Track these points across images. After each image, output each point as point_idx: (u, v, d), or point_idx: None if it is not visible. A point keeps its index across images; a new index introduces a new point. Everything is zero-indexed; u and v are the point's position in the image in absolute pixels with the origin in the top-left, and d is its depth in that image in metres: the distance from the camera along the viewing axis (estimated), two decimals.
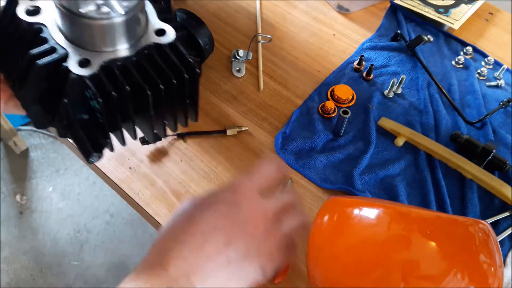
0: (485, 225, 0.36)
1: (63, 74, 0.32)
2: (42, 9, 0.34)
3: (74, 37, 0.33)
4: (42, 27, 0.33)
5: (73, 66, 0.32)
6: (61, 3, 0.32)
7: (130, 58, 0.34)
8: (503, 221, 0.54)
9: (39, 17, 0.34)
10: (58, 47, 0.33)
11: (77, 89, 0.33)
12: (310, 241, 0.41)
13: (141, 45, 0.35)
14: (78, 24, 0.32)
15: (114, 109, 0.33)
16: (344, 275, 0.36)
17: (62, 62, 0.32)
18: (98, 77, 0.32)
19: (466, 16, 0.78)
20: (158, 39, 0.35)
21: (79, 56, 0.32)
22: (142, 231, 1.41)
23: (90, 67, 0.32)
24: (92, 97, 0.33)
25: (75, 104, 0.33)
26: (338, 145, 0.60)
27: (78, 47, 0.33)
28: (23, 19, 0.33)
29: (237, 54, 0.68)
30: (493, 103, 0.67)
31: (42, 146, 1.60)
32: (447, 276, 0.32)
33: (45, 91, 0.34)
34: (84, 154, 0.36)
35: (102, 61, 0.33)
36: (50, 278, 1.32)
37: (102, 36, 0.33)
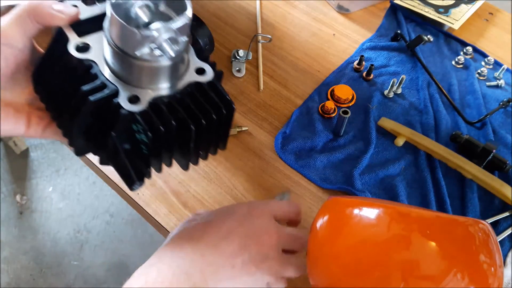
0: (485, 225, 0.36)
1: (113, 109, 0.34)
2: (91, 46, 0.36)
3: (124, 74, 0.35)
4: (92, 64, 0.35)
5: (124, 103, 0.34)
6: (117, 45, 0.33)
7: (174, 95, 0.36)
8: (503, 221, 0.54)
9: (89, 54, 0.35)
10: (108, 83, 0.35)
11: (127, 124, 0.35)
12: (310, 241, 0.41)
13: (183, 83, 0.37)
14: (130, 64, 0.34)
15: (159, 142, 0.35)
16: (344, 275, 0.36)
17: (113, 98, 0.34)
18: (147, 113, 0.34)
19: (466, 16, 0.78)
20: (199, 78, 0.37)
21: (128, 92, 0.34)
22: (142, 231, 1.41)
23: (139, 103, 0.34)
24: (139, 130, 0.35)
25: (121, 136, 0.35)
26: (338, 145, 0.60)
27: (126, 83, 0.35)
28: (73, 55, 0.35)
29: (237, 54, 0.68)
30: (493, 103, 0.67)
31: (42, 146, 1.60)
32: (447, 276, 0.32)
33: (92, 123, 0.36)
34: (128, 183, 0.38)
35: (150, 98, 0.35)
36: (50, 278, 1.32)
37: (152, 76, 0.35)
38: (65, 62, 0.36)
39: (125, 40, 0.33)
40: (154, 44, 0.33)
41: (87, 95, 0.34)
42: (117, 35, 0.33)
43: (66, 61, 0.36)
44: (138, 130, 0.35)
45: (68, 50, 0.35)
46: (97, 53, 0.35)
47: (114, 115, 0.34)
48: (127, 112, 0.34)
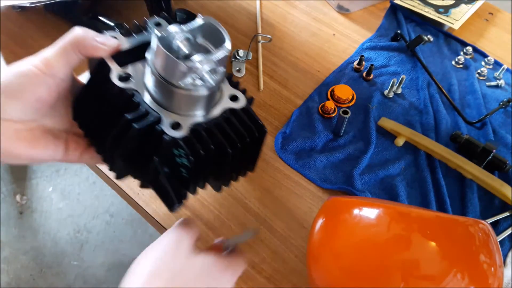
0: (485, 225, 0.36)
1: (156, 135, 0.36)
2: (132, 75, 0.38)
3: (165, 102, 0.37)
4: (134, 92, 0.37)
5: (167, 129, 0.36)
6: (161, 75, 0.35)
7: (211, 121, 0.38)
8: (503, 221, 0.54)
9: (130, 83, 0.37)
10: (150, 111, 0.36)
11: (169, 149, 0.36)
12: (310, 241, 0.41)
13: (219, 109, 0.39)
14: (173, 93, 0.36)
15: (199, 165, 0.37)
16: (344, 275, 0.36)
17: (155, 125, 0.36)
18: (188, 138, 0.36)
19: (466, 16, 0.78)
20: (233, 104, 0.40)
21: (170, 119, 0.36)
22: (142, 231, 1.41)
23: (181, 129, 0.36)
24: (181, 155, 0.37)
25: (163, 160, 0.37)
26: (338, 145, 0.60)
27: (166, 110, 0.37)
28: (117, 85, 0.36)
29: (237, 54, 0.68)
30: (493, 103, 0.67)
31: None
32: (447, 276, 0.32)
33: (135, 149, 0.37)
34: (168, 205, 0.40)
35: (190, 124, 0.37)
36: (50, 278, 1.32)
37: (192, 103, 0.37)
38: (107, 91, 0.38)
39: (170, 71, 0.34)
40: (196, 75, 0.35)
41: (131, 123, 0.35)
42: (163, 66, 0.35)
43: (108, 90, 0.37)
44: (180, 155, 0.37)
45: (111, 80, 0.36)
46: (137, 82, 0.37)
47: (157, 141, 0.36)
48: (170, 138, 0.36)
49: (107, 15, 0.67)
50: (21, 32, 0.68)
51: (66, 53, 0.37)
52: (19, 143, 0.37)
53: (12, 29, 0.69)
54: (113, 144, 0.38)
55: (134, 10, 0.73)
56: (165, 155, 0.37)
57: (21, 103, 0.36)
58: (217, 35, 0.36)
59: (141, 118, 0.36)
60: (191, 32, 0.36)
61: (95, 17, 0.67)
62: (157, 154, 0.36)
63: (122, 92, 0.37)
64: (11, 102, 0.36)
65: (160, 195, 0.41)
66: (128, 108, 0.37)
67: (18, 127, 0.37)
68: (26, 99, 0.36)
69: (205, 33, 0.37)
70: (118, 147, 0.37)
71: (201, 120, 0.38)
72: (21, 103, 0.36)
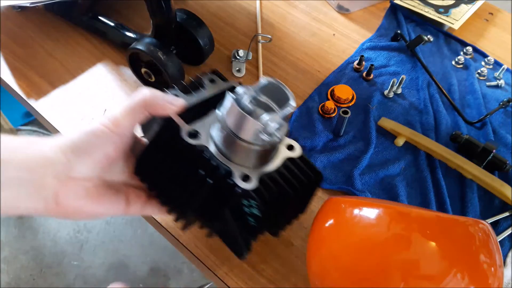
0: (485, 225, 0.36)
1: (228, 187, 0.38)
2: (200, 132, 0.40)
3: (233, 155, 0.39)
4: (204, 148, 0.39)
5: (238, 182, 0.38)
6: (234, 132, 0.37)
7: (275, 170, 0.41)
8: (503, 221, 0.54)
9: (200, 139, 0.39)
10: (221, 165, 0.38)
11: (239, 200, 0.39)
12: (310, 241, 0.41)
13: (280, 159, 0.42)
14: (243, 148, 0.38)
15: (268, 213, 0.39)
16: (344, 275, 0.36)
17: (227, 178, 0.38)
18: (258, 189, 0.38)
19: (466, 16, 0.78)
20: (291, 153, 0.42)
21: (239, 172, 0.38)
22: (142, 231, 1.41)
23: (251, 181, 0.38)
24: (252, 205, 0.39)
25: (232, 211, 0.39)
26: (338, 145, 0.60)
27: (232, 162, 0.39)
28: (187, 141, 0.39)
29: (237, 54, 0.68)
30: (493, 103, 0.67)
31: None
32: (447, 276, 0.32)
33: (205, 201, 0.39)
34: (237, 253, 0.43)
35: (258, 175, 0.39)
36: (50, 278, 1.32)
37: (259, 156, 0.39)
38: (177, 147, 0.39)
39: (243, 129, 0.37)
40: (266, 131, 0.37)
41: (205, 178, 0.38)
42: (236, 124, 0.37)
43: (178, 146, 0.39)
44: (250, 205, 0.39)
45: (182, 137, 0.39)
46: (204, 137, 0.39)
47: (228, 193, 0.38)
48: (242, 191, 0.38)
49: (107, 15, 0.67)
50: (21, 32, 0.69)
51: (134, 113, 0.39)
52: (87, 201, 0.38)
53: (12, 29, 0.69)
54: (185, 197, 0.40)
55: (134, 10, 0.73)
56: (235, 206, 0.39)
57: (91, 160, 0.37)
58: (279, 93, 0.38)
59: (213, 172, 0.38)
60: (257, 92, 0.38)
61: (95, 17, 0.67)
62: (228, 205, 0.39)
63: (192, 148, 0.39)
64: (81, 160, 0.37)
65: (228, 244, 0.43)
66: (199, 163, 0.39)
67: (86, 185, 0.38)
68: (95, 157, 0.37)
69: (267, 91, 0.39)
70: (190, 200, 0.39)
71: (266, 171, 0.40)
72: (90, 160, 0.37)
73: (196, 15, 0.62)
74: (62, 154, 0.36)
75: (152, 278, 1.33)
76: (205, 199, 0.39)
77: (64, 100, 0.62)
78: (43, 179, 0.35)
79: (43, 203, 0.36)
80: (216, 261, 0.49)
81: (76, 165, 0.36)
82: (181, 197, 0.40)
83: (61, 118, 0.60)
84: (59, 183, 0.36)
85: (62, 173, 0.36)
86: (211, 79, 0.44)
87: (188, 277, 1.34)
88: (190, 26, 0.61)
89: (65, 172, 0.36)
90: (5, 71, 0.64)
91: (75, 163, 0.36)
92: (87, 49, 0.68)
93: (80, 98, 0.62)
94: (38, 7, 0.71)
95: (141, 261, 1.35)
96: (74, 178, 0.37)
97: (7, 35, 0.68)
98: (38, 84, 0.63)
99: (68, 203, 0.37)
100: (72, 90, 0.63)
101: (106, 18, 0.66)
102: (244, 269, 0.49)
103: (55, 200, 0.36)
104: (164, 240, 0.52)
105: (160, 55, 0.56)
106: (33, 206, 0.36)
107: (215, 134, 0.39)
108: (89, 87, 0.63)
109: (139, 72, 0.62)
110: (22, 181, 0.35)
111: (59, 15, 0.70)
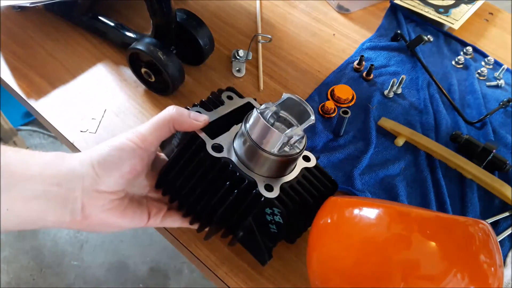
0: (485, 225, 0.36)
1: (252, 197, 0.41)
2: (223, 145, 0.42)
3: (255, 166, 0.41)
4: (228, 160, 0.41)
5: (262, 191, 0.40)
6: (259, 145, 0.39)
7: (293, 179, 0.43)
8: (503, 221, 0.54)
9: (223, 152, 0.42)
10: (245, 176, 0.41)
11: (264, 209, 0.41)
12: (310, 241, 0.41)
13: (297, 168, 0.44)
14: (267, 159, 0.40)
15: (289, 220, 0.42)
16: (344, 274, 0.36)
17: (251, 188, 0.41)
18: (280, 197, 0.41)
19: (466, 16, 0.78)
20: (307, 164, 0.45)
21: (262, 182, 0.41)
22: (142, 231, 1.41)
23: (274, 190, 0.41)
24: (275, 213, 0.41)
25: (255, 220, 0.42)
26: (338, 145, 0.60)
27: (255, 172, 0.41)
28: (213, 155, 0.41)
29: (237, 54, 0.68)
30: (493, 103, 0.67)
31: (42, 146, 1.60)
32: (447, 276, 0.32)
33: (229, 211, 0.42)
34: (260, 260, 0.45)
35: (279, 185, 0.41)
36: (50, 278, 1.32)
37: (281, 167, 0.42)
38: (202, 161, 0.42)
39: (268, 141, 0.39)
40: (289, 143, 0.39)
41: (231, 189, 0.40)
42: (262, 138, 0.39)
43: (203, 160, 0.42)
44: (272, 213, 0.41)
45: (208, 151, 0.41)
46: (227, 150, 0.42)
47: (252, 202, 0.41)
48: (267, 199, 0.40)
49: (107, 15, 0.67)
50: (21, 32, 0.68)
51: (160, 129, 0.41)
52: (113, 213, 0.40)
53: (12, 29, 0.69)
54: (211, 207, 0.42)
55: (134, 10, 0.73)
56: (258, 215, 0.42)
57: (118, 174, 0.39)
58: (298, 108, 0.41)
59: (238, 184, 0.41)
60: (277, 108, 0.41)
61: (95, 17, 0.67)
62: (252, 214, 0.41)
63: (218, 160, 0.41)
64: (109, 174, 0.38)
65: (251, 251, 0.45)
66: (224, 174, 0.41)
67: (112, 197, 0.40)
68: (122, 171, 0.39)
69: (286, 107, 0.41)
70: (216, 210, 0.42)
71: (286, 180, 0.43)
72: (117, 174, 0.39)
73: (196, 15, 0.62)
74: (91, 168, 0.38)
75: (152, 278, 1.33)
76: (230, 208, 0.41)
77: (64, 100, 0.62)
78: (72, 192, 0.37)
79: (70, 216, 0.37)
80: (216, 261, 0.49)
81: (104, 179, 0.38)
82: (206, 207, 0.42)
83: (61, 118, 0.60)
84: (86, 196, 0.37)
85: (90, 186, 0.37)
86: (228, 96, 0.47)
87: (188, 277, 1.34)
88: (190, 26, 0.61)
89: (93, 185, 0.38)
90: (5, 71, 0.64)
91: (103, 176, 0.38)
92: (87, 49, 0.68)
93: (80, 98, 0.62)
94: (38, 7, 0.71)
95: (141, 261, 1.35)
96: (101, 191, 0.38)
97: (7, 35, 0.68)
98: (38, 84, 0.63)
99: (94, 216, 0.38)
100: (72, 90, 0.63)
101: (106, 18, 0.66)
102: (244, 269, 0.49)
103: (82, 213, 0.38)
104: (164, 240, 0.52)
105: (160, 55, 0.56)
106: (60, 219, 0.37)
107: (238, 147, 0.42)
108: (89, 87, 0.63)
109: (139, 72, 0.62)
110: (51, 194, 0.36)
111: (59, 15, 0.70)
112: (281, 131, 0.40)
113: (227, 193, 0.41)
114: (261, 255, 0.44)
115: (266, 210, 0.41)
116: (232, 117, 0.46)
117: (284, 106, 0.41)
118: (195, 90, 0.64)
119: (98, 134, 0.59)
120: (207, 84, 0.65)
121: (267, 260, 0.44)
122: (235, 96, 0.48)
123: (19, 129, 1.61)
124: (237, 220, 0.42)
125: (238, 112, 0.46)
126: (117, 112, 0.61)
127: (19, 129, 1.61)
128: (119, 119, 0.60)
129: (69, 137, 0.58)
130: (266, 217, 0.42)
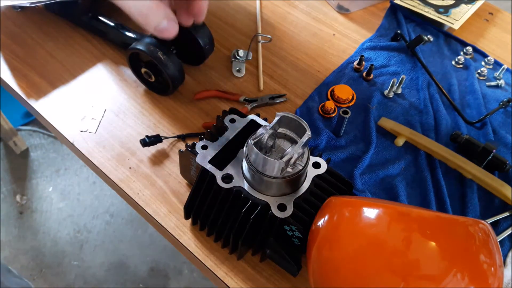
0: (485, 225, 0.36)
1: (269, 218, 0.43)
2: (233, 174, 0.44)
3: (267, 190, 0.43)
4: (240, 189, 0.43)
5: (276, 212, 0.42)
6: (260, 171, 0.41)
7: (306, 191, 0.44)
8: (503, 221, 0.54)
9: (234, 181, 0.43)
10: (258, 201, 0.43)
11: (280, 227, 0.43)
12: (310, 241, 0.41)
13: (308, 179, 0.45)
14: (272, 183, 0.41)
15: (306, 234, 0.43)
16: (344, 274, 0.36)
17: (265, 212, 0.43)
18: (295, 213, 0.42)
19: (466, 16, 0.78)
20: (317, 171, 0.46)
21: (275, 203, 0.42)
22: (142, 231, 1.41)
23: (287, 209, 0.42)
24: (293, 229, 0.43)
25: (277, 238, 0.44)
26: (338, 145, 0.60)
27: (269, 195, 0.43)
28: (223, 187, 0.43)
29: (237, 54, 0.68)
30: (493, 103, 0.67)
31: (42, 146, 1.61)
32: (447, 276, 0.32)
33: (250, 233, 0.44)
34: (291, 272, 0.46)
35: (292, 201, 0.43)
36: (50, 278, 1.32)
37: (291, 185, 0.43)
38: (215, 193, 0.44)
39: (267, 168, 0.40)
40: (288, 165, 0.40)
41: (248, 216, 0.43)
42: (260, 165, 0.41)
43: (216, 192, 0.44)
44: (291, 229, 0.43)
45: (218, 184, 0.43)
46: (237, 178, 0.44)
47: (270, 223, 0.43)
48: (281, 219, 0.42)
49: (107, 15, 0.67)
50: (21, 32, 0.69)
51: None
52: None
53: (12, 29, 0.69)
54: (233, 233, 0.44)
55: None
56: (278, 233, 0.43)
57: None
58: (294, 123, 0.42)
59: (253, 209, 0.43)
60: (274, 127, 0.42)
61: (95, 17, 0.67)
62: (271, 234, 0.43)
63: (229, 191, 0.43)
64: None
65: (281, 265, 0.47)
66: (238, 202, 0.43)
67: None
68: None
69: (284, 123, 0.43)
70: (238, 235, 0.44)
71: (299, 194, 0.44)
72: None
73: None
74: None
75: (152, 278, 1.33)
76: (251, 232, 0.44)
77: (64, 100, 0.62)
78: None
79: None
80: (216, 261, 0.49)
81: None
82: (230, 233, 0.45)
83: (61, 118, 0.60)
84: None
85: None
86: (231, 119, 0.48)
87: (188, 277, 1.34)
88: (190, 26, 0.61)
89: None
90: (5, 71, 0.64)
91: None
92: (87, 49, 0.68)
93: (80, 98, 0.62)
94: (38, 7, 0.71)
95: (141, 261, 1.35)
96: None
97: (7, 35, 0.68)
98: (38, 84, 0.63)
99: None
100: (72, 90, 0.63)
101: (106, 18, 0.66)
102: (244, 269, 0.49)
103: None
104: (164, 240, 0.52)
105: (160, 55, 0.56)
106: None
107: (246, 172, 0.43)
108: (89, 87, 0.63)
109: (139, 72, 0.62)
110: None
111: (59, 15, 0.70)
112: (280, 151, 0.42)
113: (245, 219, 0.43)
114: (290, 267, 0.45)
115: (285, 227, 0.43)
116: (238, 139, 0.47)
117: (280, 123, 0.42)
118: (195, 90, 0.64)
119: (98, 134, 0.59)
120: (207, 84, 0.66)
121: (297, 271, 0.45)
122: (237, 117, 0.49)
123: (19, 129, 1.62)
124: (262, 239, 0.45)
125: (243, 133, 0.48)
126: (117, 112, 0.61)
127: (19, 129, 1.62)
128: (119, 119, 0.60)
129: (69, 137, 0.58)
130: (287, 233, 0.44)
